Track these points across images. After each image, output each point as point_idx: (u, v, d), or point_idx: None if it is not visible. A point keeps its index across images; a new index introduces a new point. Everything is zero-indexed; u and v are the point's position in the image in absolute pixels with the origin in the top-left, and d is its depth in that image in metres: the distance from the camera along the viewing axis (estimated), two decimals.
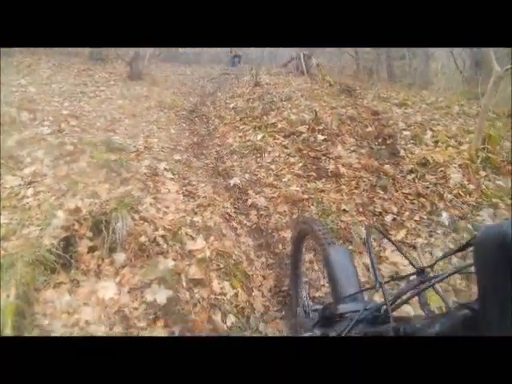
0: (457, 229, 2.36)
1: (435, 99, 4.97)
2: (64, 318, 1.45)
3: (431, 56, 10.65)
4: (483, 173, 2.89)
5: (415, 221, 2.37)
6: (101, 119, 3.85)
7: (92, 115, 3.90)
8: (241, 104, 4.77)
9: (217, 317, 1.57)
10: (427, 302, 0.59)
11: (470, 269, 0.42)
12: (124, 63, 7.12)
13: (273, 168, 3.06)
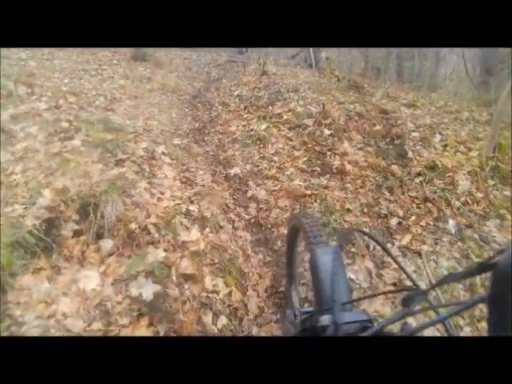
0: (463, 238, 2.26)
1: (444, 103, 4.84)
2: (40, 309, 1.34)
3: (442, 59, 10.48)
4: (492, 182, 2.79)
5: (421, 226, 2.27)
6: (101, 98, 3.69)
7: (92, 93, 3.74)
8: (246, 92, 4.62)
9: (207, 317, 1.46)
10: None
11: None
12: None
13: (275, 160, 2.94)
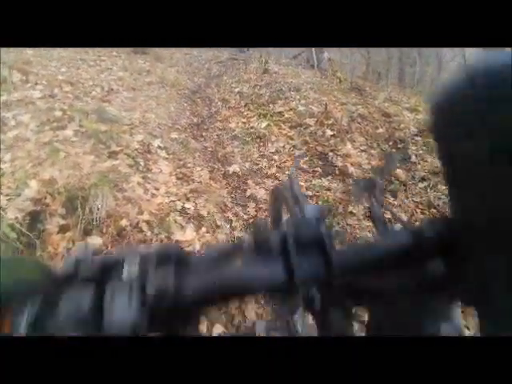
0: None
1: None
2: None
3: (444, 66, 10.46)
4: None
5: None
6: (97, 88, 3.58)
7: (89, 83, 3.63)
8: (247, 90, 4.53)
9: (202, 326, 1.37)
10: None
11: None
12: None
13: (276, 159, 2.85)
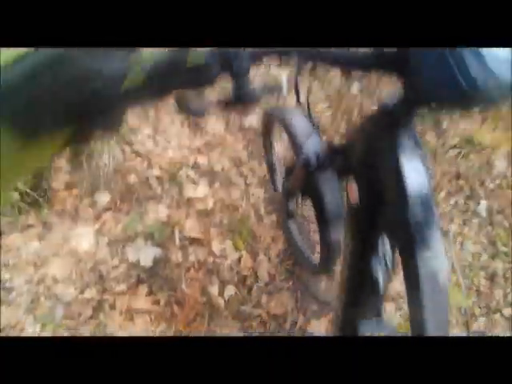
0: (493, 223, 2.08)
1: None
2: (29, 272, 1.19)
3: None
4: None
5: (450, 204, 2.08)
6: None
7: None
8: None
9: (213, 287, 1.31)
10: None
11: None
12: None
13: None
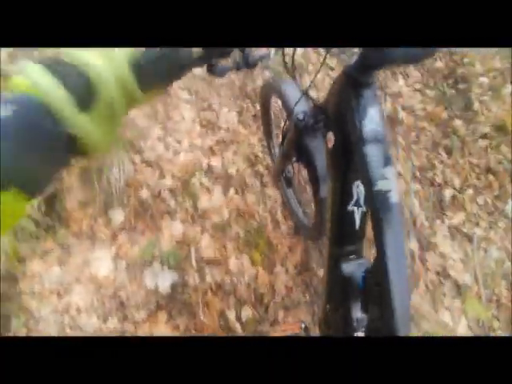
0: None
1: None
2: (53, 301, 1.21)
3: None
4: None
5: (479, 204, 1.87)
6: None
7: None
8: None
9: (231, 312, 1.29)
10: None
11: None
12: None
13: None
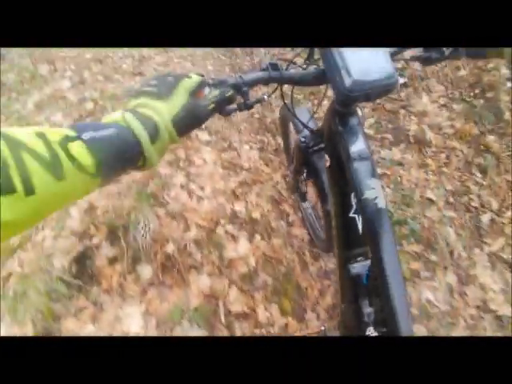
0: None
1: None
2: None
3: None
4: None
5: None
6: (128, 60, 3.30)
7: (118, 56, 3.35)
8: None
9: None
10: None
11: None
12: None
13: None
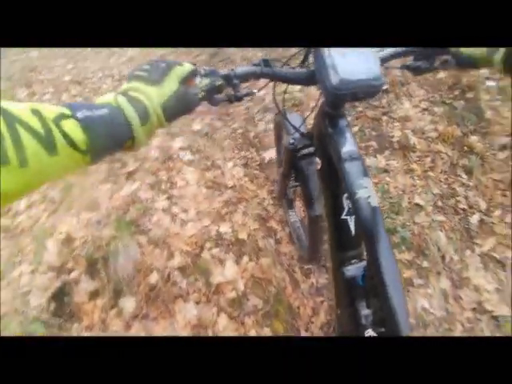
0: None
1: None
2: None
3: None
4: None
5: (506, 223, 1.69)
6: (107, 80, 3.27)
7: (97, 76, 3.32)
8: None
9: None
10: None
11: None
12: None
13: None
